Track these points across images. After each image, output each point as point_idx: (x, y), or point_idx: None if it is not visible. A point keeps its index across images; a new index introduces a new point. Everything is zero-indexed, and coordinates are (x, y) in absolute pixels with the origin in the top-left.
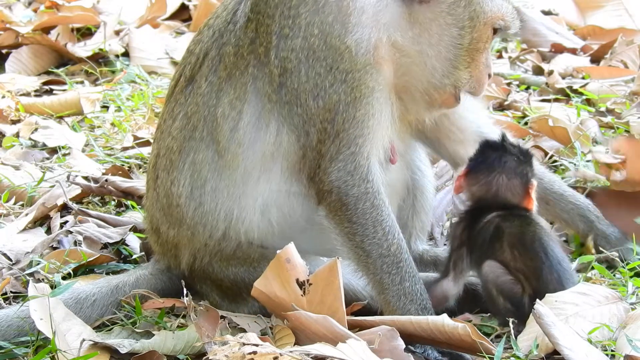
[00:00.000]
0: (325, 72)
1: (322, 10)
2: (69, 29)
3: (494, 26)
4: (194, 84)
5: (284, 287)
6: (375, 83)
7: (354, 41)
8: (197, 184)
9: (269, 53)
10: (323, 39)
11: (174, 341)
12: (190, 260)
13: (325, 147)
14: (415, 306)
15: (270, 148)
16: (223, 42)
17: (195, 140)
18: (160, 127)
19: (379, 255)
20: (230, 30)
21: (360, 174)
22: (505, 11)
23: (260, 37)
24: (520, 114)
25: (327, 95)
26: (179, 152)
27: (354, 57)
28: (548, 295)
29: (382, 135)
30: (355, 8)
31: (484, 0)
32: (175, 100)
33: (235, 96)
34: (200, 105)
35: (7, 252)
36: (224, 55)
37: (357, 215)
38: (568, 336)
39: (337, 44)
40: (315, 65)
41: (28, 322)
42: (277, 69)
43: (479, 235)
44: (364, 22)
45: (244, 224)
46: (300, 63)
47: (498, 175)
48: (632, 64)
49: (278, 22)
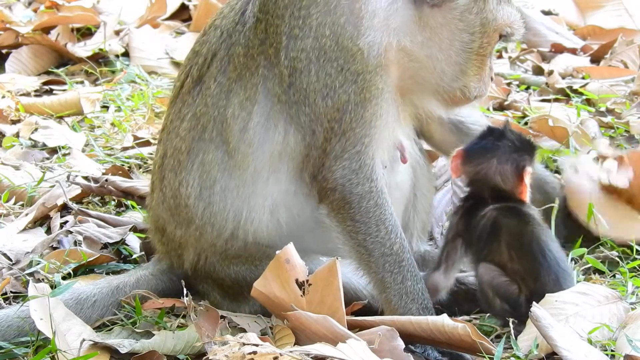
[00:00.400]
0: (336, 73)
1: (333, 11)
2: (69, 29)
3: (502, 33)
4: (202, 84)
5: (283, 288)
6: (385, 85)
7: (366, 44)
8: (206, 185)
9: (279, 54)
10: (335, 40)
11: (174, 341)
12: (195, 259)
13: (331, 145)
14: (417, 305)
15: (279, 148)
16: (232, 43)
17: (205, 141)
18: (167, 128)
19: (381, 254)
20: (239, 31)
21: (365, 172)
22: (514, 19)
23: (270, 37)
24: (520, 114)
25: (337, 95)
26: (187, 153)
27: (366, 59)
28: (548, 295)
29: (387, 135)
30: (367, 11)
31: (496, 8)
32: (183, 101)
33: (245, 97)
34: (209, 106)
35: (7, 252)
36: (233, 56)
37: (360, 214)
38: (566, 337)
39: (349, 46)
40: (326, 66)
41: (28, 322)
42: (287, 69)
43: (476, 229)
44: (376, 26)
45: (253, 224)
46: (310, 63)
47: (490, 157)
48: (632, 64)
49: (288, 22)
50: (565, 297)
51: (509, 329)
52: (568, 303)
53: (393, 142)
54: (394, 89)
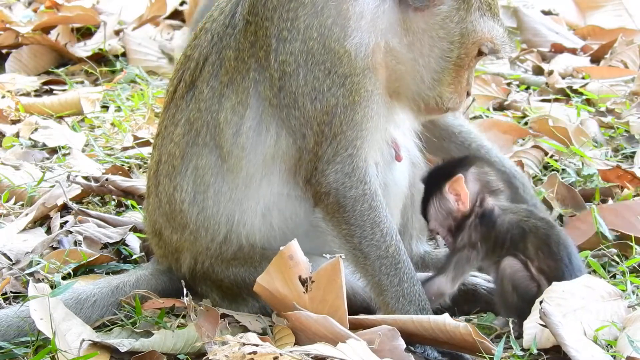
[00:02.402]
0: (323, 76)
1: (320, 13)
2: (69, 29)
3: (481, 48)
4: (195, 89)
5: (286, 284)
6: (374, 87)
7: (353, 45)
8: (200, 189)
9: (269, 57)
10: (322, 43)
11: (174, 341)
12: (192, 263)
13: (322, 149)
14: (414, 307)
15: (271, 151)
16: (223, 46)
17: (198, 146)
18: (161, 134)
19: (377, 257)
20: (229, 34)
21: (358, 175)
22: (495, 34)
23: (260, 40)
24: (520, 114)
25: (325, 99)
26: (181, 158)
27: (353, 62)
28: (555, 284)
29: (379, 137)
30: (354, 13)
31: (477, 19)
32: (176, 106)
33: (237, 101)
34: (202, 110)
35: (7, 252)
36: (224, 60)
37: (354, 217)
38: (575, 336)
39: (336, 48)
40: (313, 69)
41: (28, 322)
42: (277, 73)
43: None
44: (363, 27)
45: (245, 227)
46: (299, 67)
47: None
48: (632, 64)
49: (277, 24)
50: (572, 288)
51: (509, 328)
52: (575, 296)
53: (387, 142)
54: (383, 91)
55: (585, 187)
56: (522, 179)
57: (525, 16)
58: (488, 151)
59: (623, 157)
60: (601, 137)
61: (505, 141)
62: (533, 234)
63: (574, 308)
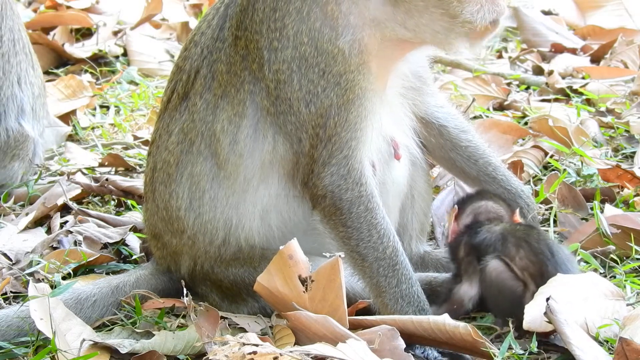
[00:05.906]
0: (318, 78)
1: (307, 18)
2: (68, 29)
3: None
4: (189, 101)
5: (286, 283)
6: (368, 83)
7: (346, 43)
8: (195, 196)
9: (262, 68)
10: (314, 46)
11: (174, 341)
12: (191, 265)
13: (318, 152)
14: (413, 308)
15: (269, 157)
16: (214, 60)
17: (193, 154)
18: (155, 142)
19: (374, 259)
20: (219, 48)
21: (354, 177)
22: None
23: (252, 53)
24: (520, 114)
25: (320, 100)
26: (176, 165)
27: (347, 58)
28: (560, 275)
29: (375, 136)
30: (341, 11)
31: None
32: (170, 116)
33: (233, 113)
34: (196, 121)
35: (7, 252)
36: (216, 73)
37: (351, 219)
38: (579, 335)
39: (329, 48)
40: (307, 73)
41: (28, 322)
42: (272, 83)
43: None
44: (352, 23)
45: (244, 230)
46: (292, 73)
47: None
48: (632, 64)
49: (266, 36)
50: (576, 282)
51: (508, 328)
52: (579, 291)
53: (384, 140)
54: (380, 87)
55: (585, 187)
56: (527, 199)
57: (525, 16)
58: (495, 169)
59: (623, 157)
60: (601, 137)
61: (505, 141)
62: (511, 234)
63: (576, 304)
